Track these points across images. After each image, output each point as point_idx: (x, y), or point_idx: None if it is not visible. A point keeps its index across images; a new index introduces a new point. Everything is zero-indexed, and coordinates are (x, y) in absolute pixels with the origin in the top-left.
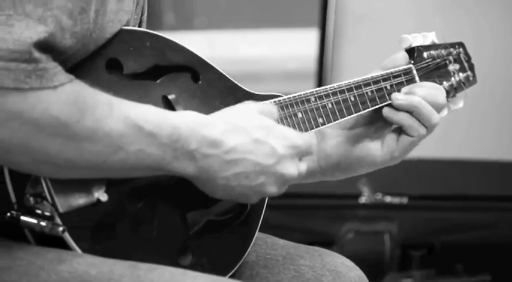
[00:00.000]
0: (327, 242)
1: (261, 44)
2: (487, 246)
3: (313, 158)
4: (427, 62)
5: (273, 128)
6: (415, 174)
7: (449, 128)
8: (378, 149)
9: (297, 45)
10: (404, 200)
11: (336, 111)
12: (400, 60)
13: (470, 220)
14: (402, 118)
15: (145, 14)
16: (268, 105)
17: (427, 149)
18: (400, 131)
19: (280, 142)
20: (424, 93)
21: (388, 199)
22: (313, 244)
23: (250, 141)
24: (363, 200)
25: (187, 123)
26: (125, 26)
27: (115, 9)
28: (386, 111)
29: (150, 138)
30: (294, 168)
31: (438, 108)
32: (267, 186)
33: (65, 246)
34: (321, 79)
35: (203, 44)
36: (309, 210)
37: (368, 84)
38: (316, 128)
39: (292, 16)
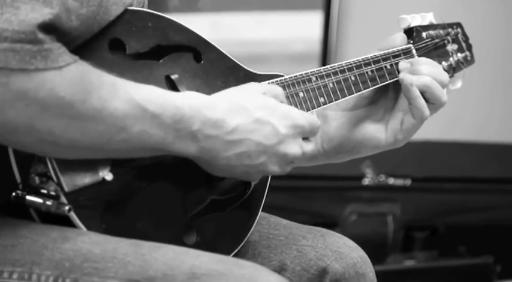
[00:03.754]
0: (330, 224)
1: (266, 26)
2: (489, 228)
3: (316, 141)
4: (426, 42)
5: (275, 108)
6: (419, 156)
7: (452, 110)
8: (382, 131)
9: (302, 28)
10: (408, 182)
11: (337, 90)
12: (397, 41)
13: (473, 202)
14: (417, 96)
15: None
16: (274, 86)
17: (430, 131)
18: (404, 112)
19: (283, 122)
20: (429, 71)
21: (391, 181)
22: (316, 225)
23: (252, 121)
24: (366, 181)
25: (190, 104)
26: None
27: None
28: (407, 80)
29: (154, 119)
30: (297, 148)
31: (443, 86)
32: (269, 165)
33: (70, 225)
34: (325, 61)
35: (208, 26)
36: (312, 191)
37: (368, 64)
38: (317, 107)
39: None
